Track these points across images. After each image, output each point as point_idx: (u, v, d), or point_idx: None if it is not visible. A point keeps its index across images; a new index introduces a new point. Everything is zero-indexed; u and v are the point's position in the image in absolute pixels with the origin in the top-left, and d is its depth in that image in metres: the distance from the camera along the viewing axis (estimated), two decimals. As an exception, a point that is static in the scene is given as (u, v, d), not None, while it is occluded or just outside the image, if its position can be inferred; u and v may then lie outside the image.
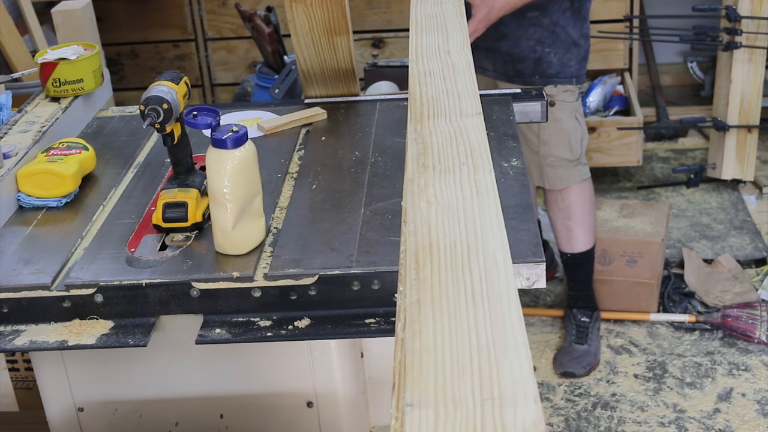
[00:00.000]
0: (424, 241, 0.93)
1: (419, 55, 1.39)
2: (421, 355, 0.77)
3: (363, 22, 4.01)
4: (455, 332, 0.79)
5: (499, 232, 0.94)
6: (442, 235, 0.93)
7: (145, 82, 4.07)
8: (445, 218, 0.97)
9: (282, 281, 1.42)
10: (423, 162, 1.09)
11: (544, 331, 3.02)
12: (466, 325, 0.80)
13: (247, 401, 1.62)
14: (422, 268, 0.89)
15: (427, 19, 1.54)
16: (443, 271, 0.88)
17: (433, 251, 0.91)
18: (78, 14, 2.57)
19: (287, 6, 1.97)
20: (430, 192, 1.02)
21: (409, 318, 0.82)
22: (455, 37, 1.44)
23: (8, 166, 1.72)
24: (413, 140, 1.13)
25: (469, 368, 0.74)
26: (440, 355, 0.76)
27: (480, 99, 1.25)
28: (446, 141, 1.13)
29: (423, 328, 0.80)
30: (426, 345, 0.78)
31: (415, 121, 1.18)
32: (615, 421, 2.61)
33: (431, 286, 0.86)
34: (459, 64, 1.34)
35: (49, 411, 1.65)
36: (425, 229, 0.95)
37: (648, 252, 2.98)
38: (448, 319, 0.81)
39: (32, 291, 1.45)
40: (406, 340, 0.79)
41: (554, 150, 2.72)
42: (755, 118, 3.51)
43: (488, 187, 1.03)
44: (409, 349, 0.78)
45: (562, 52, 2.64)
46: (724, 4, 3.49)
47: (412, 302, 0.84)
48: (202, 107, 1.50)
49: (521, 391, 0.71)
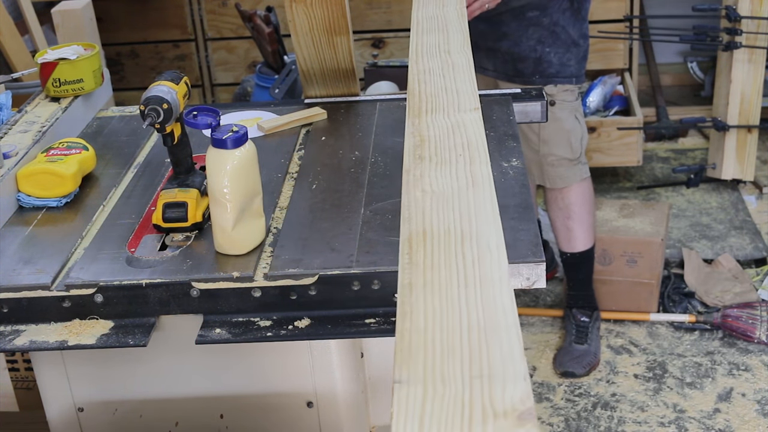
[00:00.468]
0: (418, 227, 0.93)
1: (419, 54, 1.39)
2: (410, 335, 0.77)
3: (363, 22, 4.01)
4: (446, 313, 0.80)
5: (493, 219, 0.94)
6: (436, 222, 0.94)
7: (145, 82, 4.07)
8: (440, 206, 0.97)
9: (282, 281, 1.42)
10: (419, 153, 1.09)
11: (544, 331, 3.02)
12: (457, 306, 0.80)
13: (247, 401, 1.62)
14: (415, 252, 0.89)
15: (428, 20, 1.54)
16: (436, 256, 0.88)
17: (426, 237, 0.91)
18: (78, 14, 2.57)
19: (287, 6, 1.97)
20: (425, 182, 1.02)
21: (400, 300, 0.83)
22: (456, 38, 1.44)
23: (8, 166, 1.72)
24: (410, 133, 1.14)
25: (459, 348, 0.75)
26: (430, 335, 0.77)
27: (480, 99, 1.26)
28: (443, 134, 1.13)
29: (414, 309, 0.80)
30: (416, 326, 0.78)
31: (413, 115, 1.19)
32: (615, 421, 2.61)
33: (423, 270, 0.86)
34: (459, 63, 1.34)
35: (49, 411, 1.65)
36: (419, 216, 0.95)
37: (648, 252, 2.98)
38: (439, 301, 0.81)
39: (32, 291, 1.45)
40: (396, 321, 0.80)
41: (554, 149, 2.73)
42: (755, 118, 3.51)
43: (484, 178, 1.03)
44: (399, 329, 0.78)
45: (562, 52, 2.65)
46: (724, 4, 3.49)
47: (403, 285, 0.84)
48: (202, 107, 1.50)
49: (510, 369, 0.72)
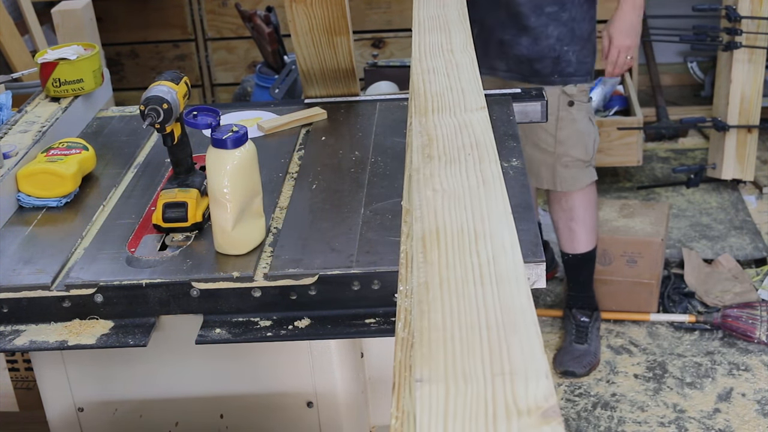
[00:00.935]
0: (431, 226, 0.93)
1: (422, 53, 1.39)
2: (430, 332, 0.77)
3: (363, 22, 4.01)
4: (464, 311, 0.79)
5: (506, 217, 0.94)
6: (449, 221, 0.94)
7: (145, 82, 4.07)
8: (452, 205, 0.97)
9: (282, 281, 1.42)
10: (428, 153, 1.09)
11: (544, 331, 3.02)
12: (474, 304, 0.80)
13: (247, 401, 1.62)
14: (429, 251, 0.89)
15: (429, 20, 1.54)
16: (450, 254, 0.88)
17: (440, 236, 0.91)
18: (78, 14, 2.57)
19: (287, 6, 1.97)
20: (435, 180, 1.02)
21: (416, 299, 0.82)
22: (458, 37, 1.44)
23: (8, 166, 1.72)
24: (418, 132, 1.14)
25: (478, 345, 0.74)
26: (449, 333, 0.76)
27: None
28: (451, 133, 1.13)
29: (431, 307, 0.80)
30: (435, 323, 0.78)
31: (419, 114, 1.19)
32: (615, 421, 2.61)
33: (438, 269, 0.86)
34: (463, 62, 1.34)
35: (49, 411, 1.65)
36: (431, 215, 0.95)
37: (648, 252, 2.98)
38: (456, 299, 0.81)
39: (32, 291, 1.45)
40: (414, 319, 0.80)
41: (571, 150, 2.70)
42: (755, 118, 3.51)
43: (494, 176, 1.03)
44: (417, 328, 0.78)
45: (579, 49, 2.62)
46: (724, 4, 3.49)
47: (419, 284, 0.84)
48: (202, 107, 1.50)
49: (532, 367, 0.71)
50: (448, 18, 1.54)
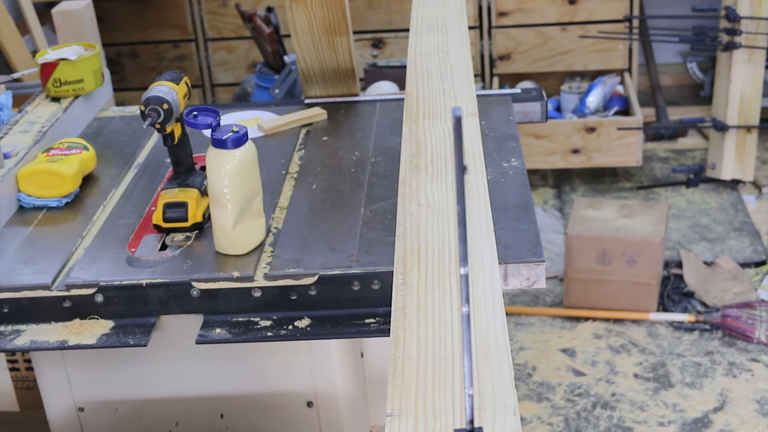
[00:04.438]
0: (413, 245, 0.94)
1: (418, 55, 1.39)
2: (403, 362, 0.77)
3: (363, 22, 4.01)
4: (439, 339, 0.80)
5: (487, 236, 0.95)
6: (431, 238, 0.94)
7: (146, 82, 4.07)
8: (435, 221, 0.97)
9: (282, 281, 1.42)
10: (416, 163, 1.09)
11: (544, 331, 3.02)
12: (450, 331, 0.81)
13: (247, 401, 1.62)
14: (409, 273, 0.89)
15: (427, 20, 1.54)
16: (430, 276, 0.88)
17: (421, 255, 0.92)
18: (78, 14, 2.58)
19: (287, 6, 1.98)
20: (421, 194, 1.02)
21: (393, 324, 0.83)
22: (455, 38, 1.45)
23: (9, 166, 1.72)
24: (407, 141, 1.14)
25: (450, 377, 0.75)
26: (422, 363, 0.77)
27: (479, 98, 1.26)
28: (440, 142, 1.13)
29: (407, 335, 0.81)
30: (409, 353, 0.78)
31: (410, 121, 1.19)
32: (615, 420, 2.61)
33: (417, 292, 0.86)
34: (457, 65, 1.34)
35: (49, 411, 1.65)
36: (415, 232, 0.96)
37: (647, 252, 2.98)
38: (432, 327, 0.81)
39: (33, 291, 1.45)
40: (390, 347, 0.80)
41: None
42: (755, 118, 3.52)
43: (479, 190, 1.04)
44: (392, 356, 0.78)
45: None
46: (723, 5, 3.49)
47: (397, 308, 0.84)
48: (202, 107, 1.51)
49: (500, 403, 0.72)
50: (446, 18, 1.55)
